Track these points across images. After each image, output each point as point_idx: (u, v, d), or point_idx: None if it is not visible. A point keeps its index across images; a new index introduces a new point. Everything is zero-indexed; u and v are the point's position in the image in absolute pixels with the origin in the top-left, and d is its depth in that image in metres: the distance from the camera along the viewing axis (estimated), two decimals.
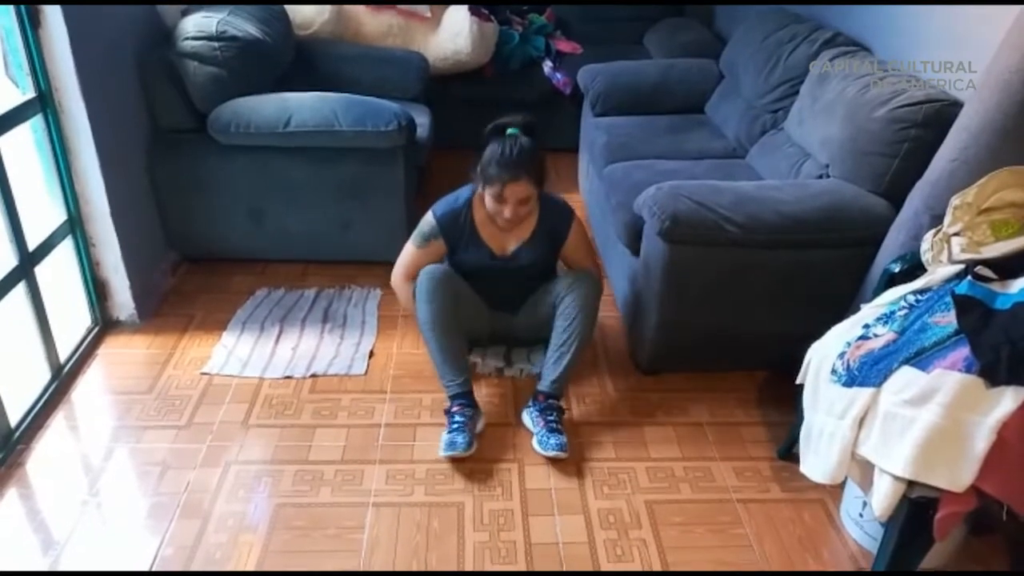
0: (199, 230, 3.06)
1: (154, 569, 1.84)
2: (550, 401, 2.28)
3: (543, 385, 2.32)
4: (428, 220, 2.40)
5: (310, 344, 2.69)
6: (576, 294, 2.31)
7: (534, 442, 2.23)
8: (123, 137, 2.70)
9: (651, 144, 3.20)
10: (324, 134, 2.82)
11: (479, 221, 2.38)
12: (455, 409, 2.25)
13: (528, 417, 2.32)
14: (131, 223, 2.71)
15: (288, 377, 2.52)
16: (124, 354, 2.63)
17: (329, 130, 2.81)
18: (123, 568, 1.84)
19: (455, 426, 2.20)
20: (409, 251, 2.46)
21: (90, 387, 2.47)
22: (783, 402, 2.33)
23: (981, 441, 1.47)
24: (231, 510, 2.02)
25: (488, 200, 2.27)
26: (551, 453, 2.17)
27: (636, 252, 2.54)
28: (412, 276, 2.40)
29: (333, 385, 2.50)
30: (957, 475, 1.49)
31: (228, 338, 2.70)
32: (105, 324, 2.74)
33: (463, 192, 2.40)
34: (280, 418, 2.35)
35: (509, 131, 2.25)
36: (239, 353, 2.62)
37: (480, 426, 2.29)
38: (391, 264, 3.15)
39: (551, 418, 2.24)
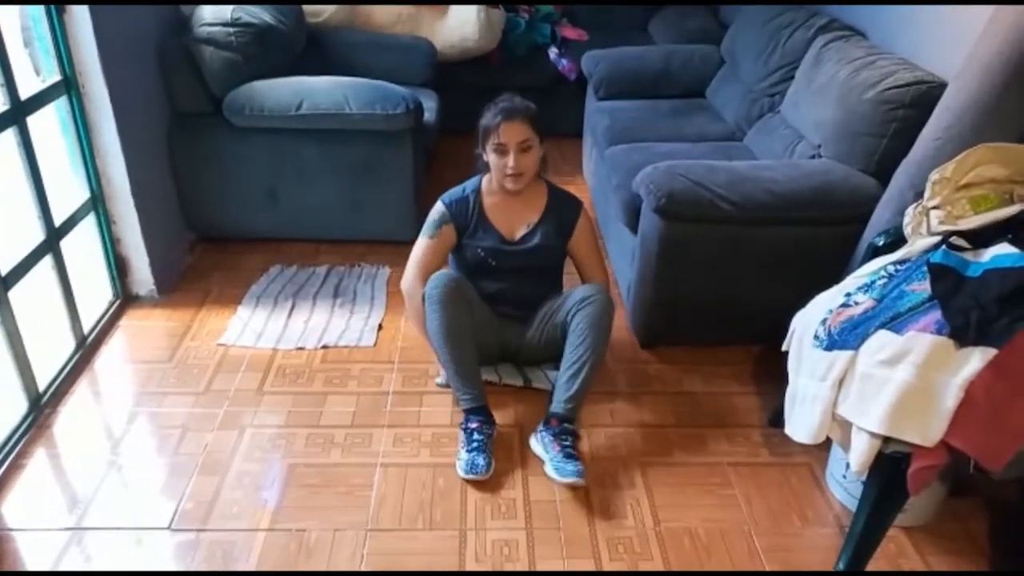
0: (215, 210, 3.17)
1: (174, 526, 1.95)
2: (564, 425, 2.15)
3: (556, 407, 2.19)
4: (437, 208, 2.42)
5: (321, 318, 2.80)
6: (587, 311, 2.23)
7: (548, 468, 2.09)
8: (143, 120, 2.81)
9: (652, 127, 3.29)
10: (335, 117, 2.93)
11: (488, 206, 2.40)
12: (473, 426, 2.16)
13: (539, 443, 2.18)
14: (150, 203, 2.83)
15: (301, 348, 2.64)
16: (144, 326, 2.75)
17: (340, 113, 2.92)
18: (145, 523, 1.96)
19: (475, 445, 2.11)
20: (420, 245, 2.42)
21: (112, 356, 2.60)
22: (775, 374, 2.40)
23: (950, 399, 1.56)
24: (247, 469, 2.13)
25: (492, 159, 2.29)
26: (569, 480, 2.03)
27: (635, 231, 2.63)
28: (426, 273, 2.35)
29: (343, 356, 2.62)
30: (928, 431, 1.58)
31: (243, 312, 2.82)
32: (126, 298, 2.87)
33: (470, 182, 2.44)
34: (293, 386, 2.46)
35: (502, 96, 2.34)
36: (254, 325, 2.74)
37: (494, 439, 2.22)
38: (400, 244, 3.28)
39: (567, 443, 2.11)
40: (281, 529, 1.95)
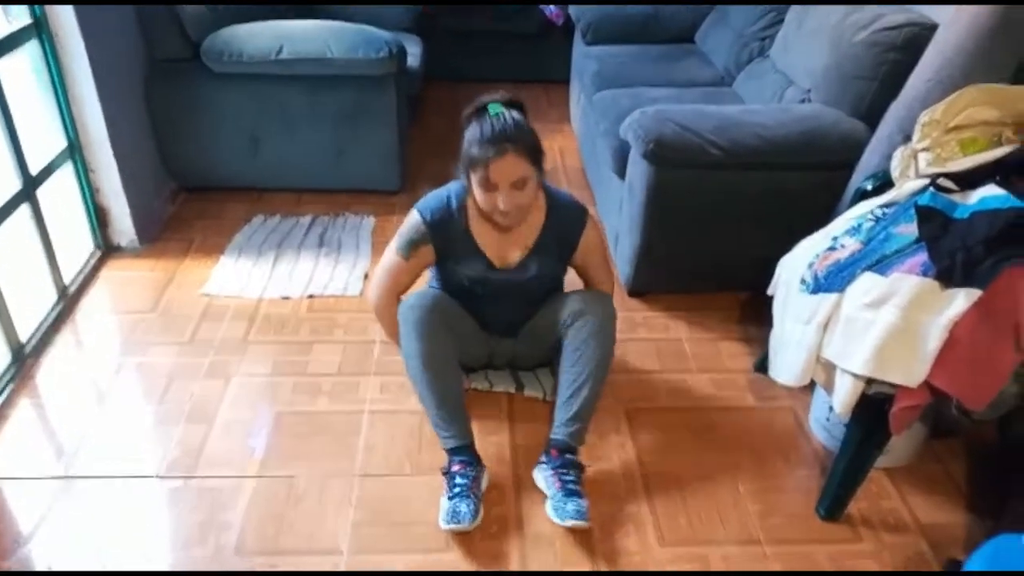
0: (196, 159, 3.12)
1: (162, 474, 1.96)
2: (566, 457, 1.88)
3: (556, 434, 1.92)
4: (414, 223, 2.01)
5: (306, 267, 2.78)
6: (585, 320, 1.96)
7: (548, 508, 1.83)
8: (119, 66, 2.74)
9: (641, 72, 3.24)
10: (316, 62, 2.86)
11: (474, 225, 2.00)
12: (455, 468, 1.86)
13: (541, 477, 1.91)
14: (129, 151, 2.77)
15: (286, 297, 2.62)
16: (126, 277, 2.72)
17: (321, 58, 2.86)
18: (133, 471, 1.96)
19: (457, 490, 1.81)
20: (392, 262, 2.05)
21: (95, 307, 2.57)
22: (762, 321, 2.41)
23: (934, 340, 1.57)
24: (234, 417, 2.13)
25: (478, 194, 1.89)
26: (569, 522, 1.76)
27: (623, 177, 2.61)
28: (397, 292, 2.07)
29: (329, 305, 2.60)
30: (911, 372, 1.59)
31: (227, 261, 2.79)
32: (107, 249, 2.83)
33: (454, 188, 2.02)
34: (279, 335, 2.45)
35: (490, 108, 1.88)
36: (238, 275, 2.72)
37: (485, 483, 1.90)
38: (384, 193, 3.26)
39: (568, 478, 1.84)
40: (270, 476, 1.95)
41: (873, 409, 1.68)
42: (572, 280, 2.22)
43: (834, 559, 1.79)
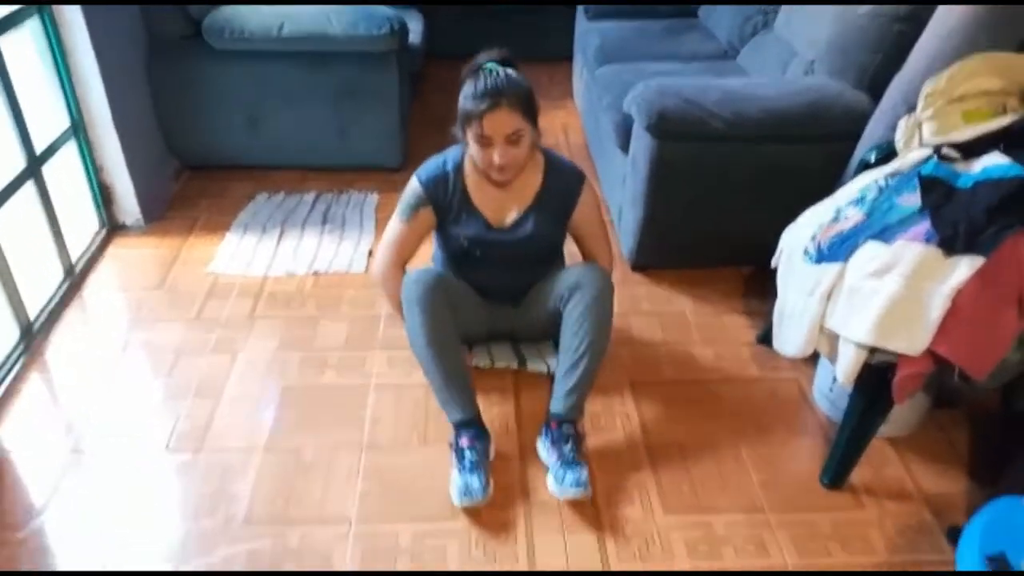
0: (199, 137, 3.12)
1: (171, 447, 1.98)
2: (564, 427, 1.90)
3: (555, 405, 1.94)
4: (412, 187, 2.06)
5: (311, 244, 2.79)
6: (583, 292, 1.97)
7: (548, 480, 1.86)
8: (121, 43, 2.74)
9: (644, 47, 3.23)
10: (318, 38, 2.86)
11: (472, 186, 2.04)
12: (464, 443, 1.87)
13: (543, 449, 1.94)
14: (132, 129, 2.77)
15: (291, 274, 2.63)
16: (132, 255, 2.74)
17: (323, 34, 2.85)
18: (142, 444, 1.99)
19: (468, 465, 1.83)
20: (394, 229, 2.09)
21: (101, 285, 2.59)
22: (765, 294, 2.44)
23: (937, 308, 1.58)
24: (242, 392, 2.15)
25: (474, 149, 1.93)
26: (568, 493, 1.79)
27: (626, 151, 2.61)
28: (402, 260, 2.10)
29: (334, 282, 2.61)
30: (914, 340, 1.60)
31: (232, 239, 2.80)
32: (112, 227, 2.84)
33: (451, 153, 2.07)
34: (285, 311, 2.47)
35: (485, 65, 1.92)
36: (243, 253, 2.73)
37: (492, 453, 1.93)
38: (387, 170, 3.26)
39: (567, 448, 1.86)
40: (278, 448, 1.97)
41: (876, 378, 1.69)
42: (572, 253, 2.23)
43: (837, 526, 1.81)
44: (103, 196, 2.78)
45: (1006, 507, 1.25)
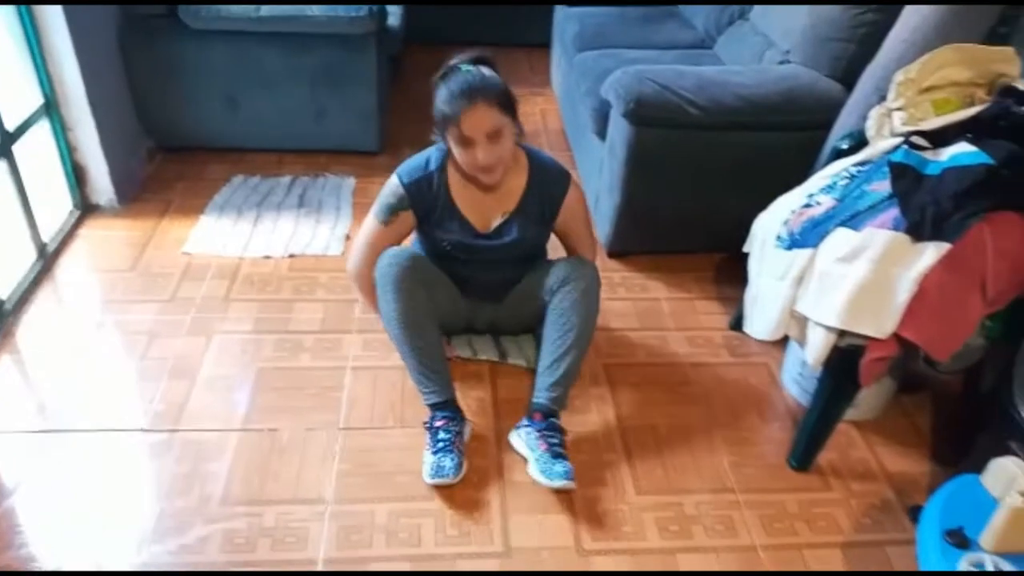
0: (175, 118, 3.09)
1: (146, 427, 1.97)
2: (551, 420, 1.90)
3: (539, 397, 1.93)
4: (394, 188, 1.99)
5: (287, 227, 2.78)
6: (571, 287, 1.96)
7: (533, 470, 1.84)
8: (96, 21, 2.70)
9: (622, 34, 3.24)
10: (296, 19, 2.84)
11: (455, 188, 1.99)
12: (439, 424, 1.88)
13: (522, 439, 1.92)
14: (106, 108, 2.74)
15: (267, 256, 2.62)
16: (105, 236, 2.71)
17: (301, 15, 2.83)
18: (116, 425, 1.98)
19: (440, 445, 1.84)
20: (371, 229, 2.03)
21: (74, 266, 2.56)
22: (736, 281, 2.45)
23: (904, 292, 1.62)
24: (217, 373, 2.15)
25: (458, 154, 1.89)
26: (558, 483, 1.79)
27: (604, 138, 2.62)
28: (376, 261, 2.01)
29: (310, 264, 2.61)
30: (882, 323, 1.64)
31: (207, 221, 2.79)
32: (85, 208, 2.81)
33: (433, 154, 2.01)
34: (260, 293, 2.46)
35: (459, 67, 1.88)
36: (218, 234, 2.71)
37: (467, 435, 1.95)
38: (364, 154, 3.25)
39: (554, 440, 1.86)
40: (253, 429, 1.98)
41: (844, 362, 1.73)
42: (555, 248, 2.23)
43: (804, 507, 1.86)
44: (77, 176, 2.75)
45: (964, 484, 1.29)
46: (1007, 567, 1.13)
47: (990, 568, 1.13)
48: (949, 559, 1.15)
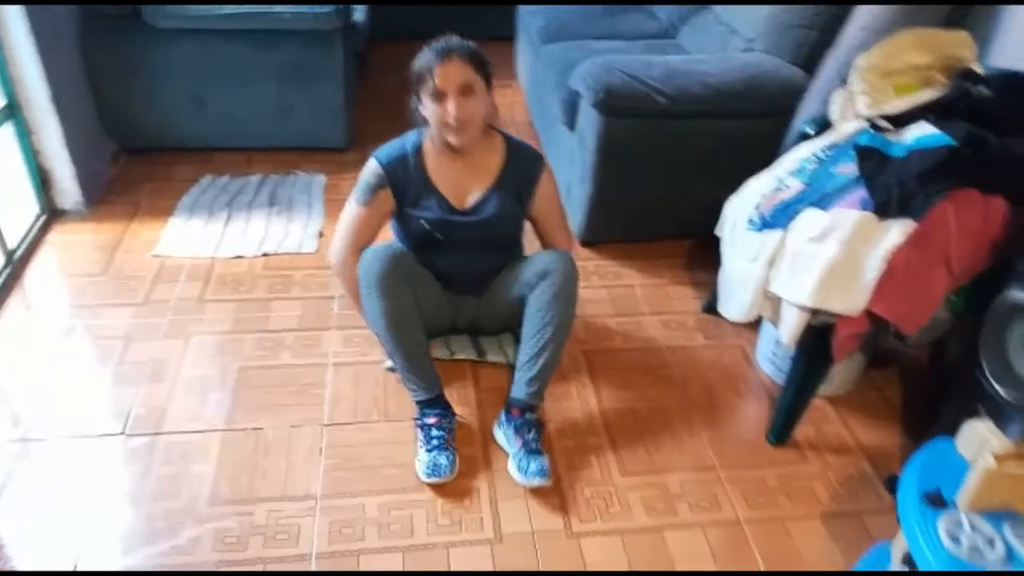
0: (139, 118, 3.05)
1: (128, 431, 1.96)
2: (527, 416, 1.92)
3: (517, 393, 1.95)
4: (371, 168, 2.03)
5: (259, 226, 2.77)
6: (549, 281, 1.97)
7: (511, 466, 1.87)
8: (58, 21, 2.66)
9: (586, 25, 3.28)
10: (261, 16, 2.83)
11: (432, 166, 2.02)
12: (431, 421, 1.91)
13: (502, 435, 1.96)
14: (71, 111, 2.70)
15: (240, 256, 2.61)
16: (74, 240, 2.67)
17: (267, 12, 2.82)
18: (97, 430, 1.96)
19: (435, 443, 1.87)
20: (351, 212, 2.05)
21: (43, 272, 2.52)
22: (708, 266, 2.50)
23: (873, 270, 1.67)
24: (197, 374, 2.14)
25: (430, 110, 1.92)
26: (534, 481, 1.82)
27: (573, 128, 2.66)
28: (358, 246, 2.03)
29: (285, 263, 2.60)
30: (853, 300, 1.69)
31: (177, 222, 2.76)
32: (52, 213, 2.76)
33: (409, 136, 2.05)
34: (235, 293, 2.45)
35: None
36: (189, 235, 2.69)
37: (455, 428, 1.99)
38: (333, 151, 3.25)
39: (530, 436, 1.88)
40: (237, 429, 1.97)
41: (817, 339, 1.78)
42: (531, 243, 2.25)
43: (783, 480, 1.91)
44: (42, 181, 2.70)
45: (939, 448, 1.35)
46: (982, 524, 1.19)
47: (966, 526, 1.19)
48: (928, 519, 1.21)
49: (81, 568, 1.64)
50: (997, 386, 1.64)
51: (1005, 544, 1.18)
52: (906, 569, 1.24)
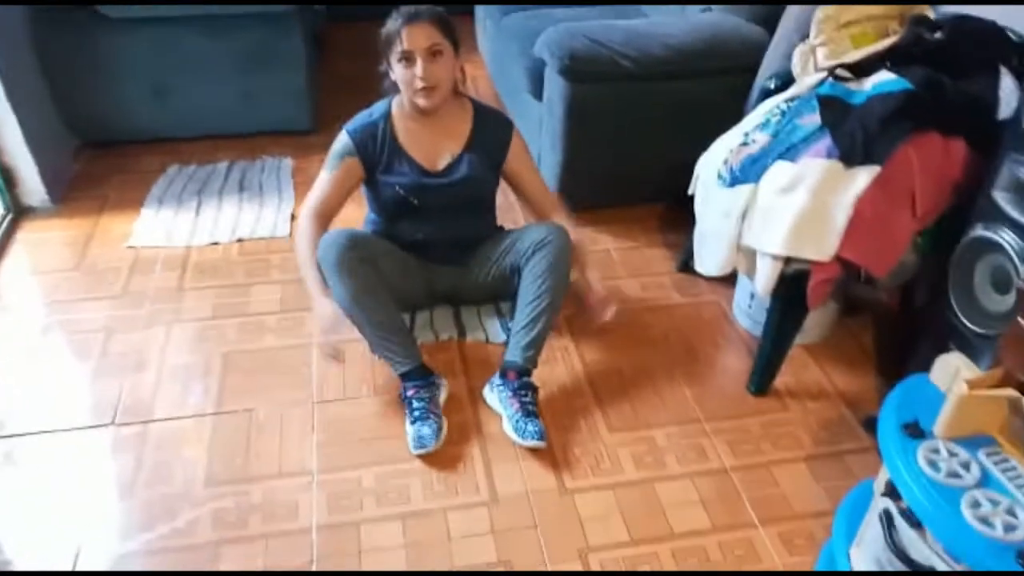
0: (100, 112, 3.00)
1: (118, 421, 1.96)
2: (524, 379, 1.97)
3: (513, 356, 1.98)
4: (339, 138, 2.06)
5: (231, 212, 2.75)
6: (546, 250, 2.01)
7: (507, 427, 1.92)
8: (6, 19, 2.60)
9: None
10: None
11: (402, 132, 2.05)
12: (411, 393, 1.94)
13: (495, 396, 2.00)
14: (29, 107, 2.66)
15: (215, 243, 2.60)
16: (44, 237, 2.64)
17: None
18: (86, 422, 1.96)
19: (416, 414, 1.91)
20: (320, 179, 2.08)
21: (14, 270, 2.49)
22: (679, 228, 2.56)
23: (841, 216, 1.73)
24: (183, 362, 2.14)
25: (399, 73, 1.95)
26: (531, 443, 1.86)
27: (539, 98, 2.67)
28: (324, 212, 2.06)
29: (260, 247, 2.60)
30: (823, 247, 1.74)
31: (147, 213, 2.74)
32: (18, 211, 2.72)
33: (378, 105, 2.08)
34: (213, 280, 2.44)
35: None
36: (162, 225, 2.67)
37: (443, 396, 2.01)
38: (298, 134, 3.23)
39: (527, 399, 1.93)
40: (228, 412, 1.98)
41: (792, 288, 1.83)
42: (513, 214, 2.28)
43: (766, 428, 1.98)
44: (5, 179, 2.66)
45: (914, 384, 1.40)
46: (959, 450, 1.25)
47: (943, 452, 1.24)
48: (908, 449, 1.26)
49: (84, 560, 1.65)
50: (966, 321, 1.71)
51: (980, 467, 1.24)
52: (889, 503, 1.30)
